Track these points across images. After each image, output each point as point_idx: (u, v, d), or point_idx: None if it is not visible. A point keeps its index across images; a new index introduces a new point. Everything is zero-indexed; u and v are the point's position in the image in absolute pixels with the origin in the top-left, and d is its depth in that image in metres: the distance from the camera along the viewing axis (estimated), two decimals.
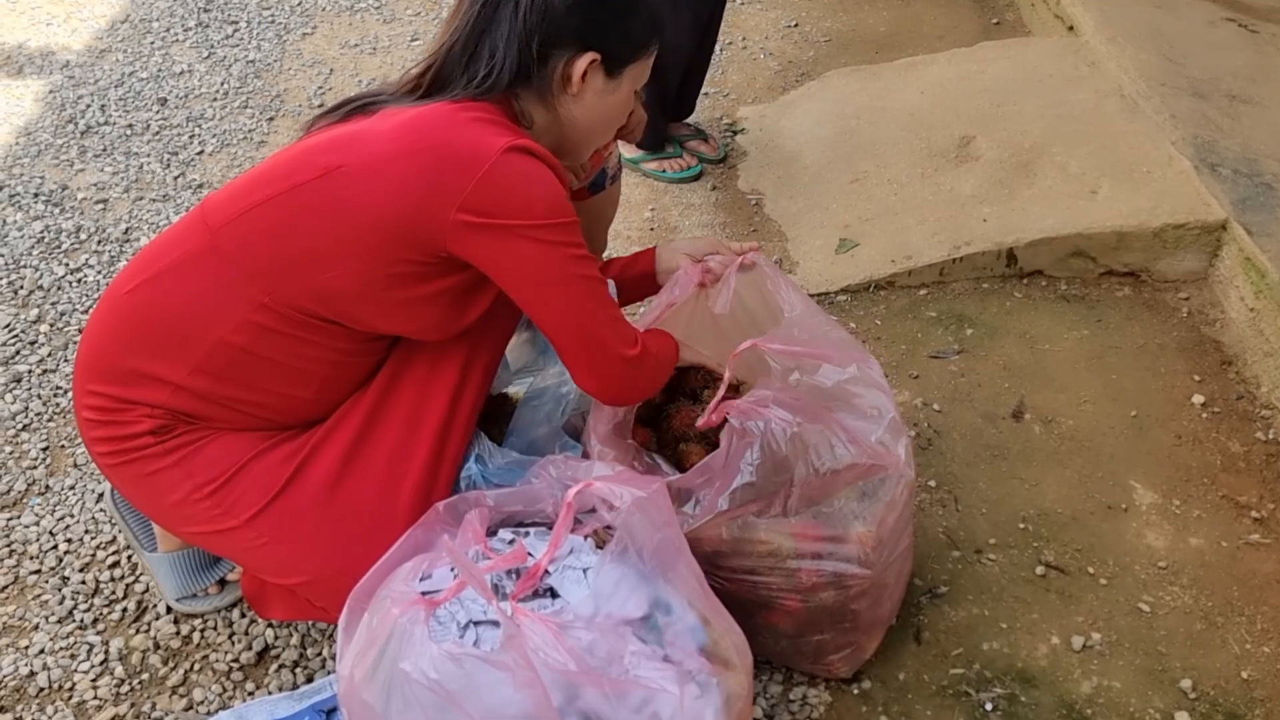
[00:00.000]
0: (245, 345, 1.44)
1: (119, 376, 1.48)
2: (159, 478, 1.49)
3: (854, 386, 1.61)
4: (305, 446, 1.52)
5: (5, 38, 3.38)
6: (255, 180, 1.45)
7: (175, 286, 1.45)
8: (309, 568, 1.50)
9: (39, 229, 2.63)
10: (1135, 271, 2.54)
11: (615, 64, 1.46)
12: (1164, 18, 3.16)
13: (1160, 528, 1.97)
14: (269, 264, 1.41)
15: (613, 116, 1.54)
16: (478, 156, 1.34)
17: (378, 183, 1.36)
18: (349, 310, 1.44)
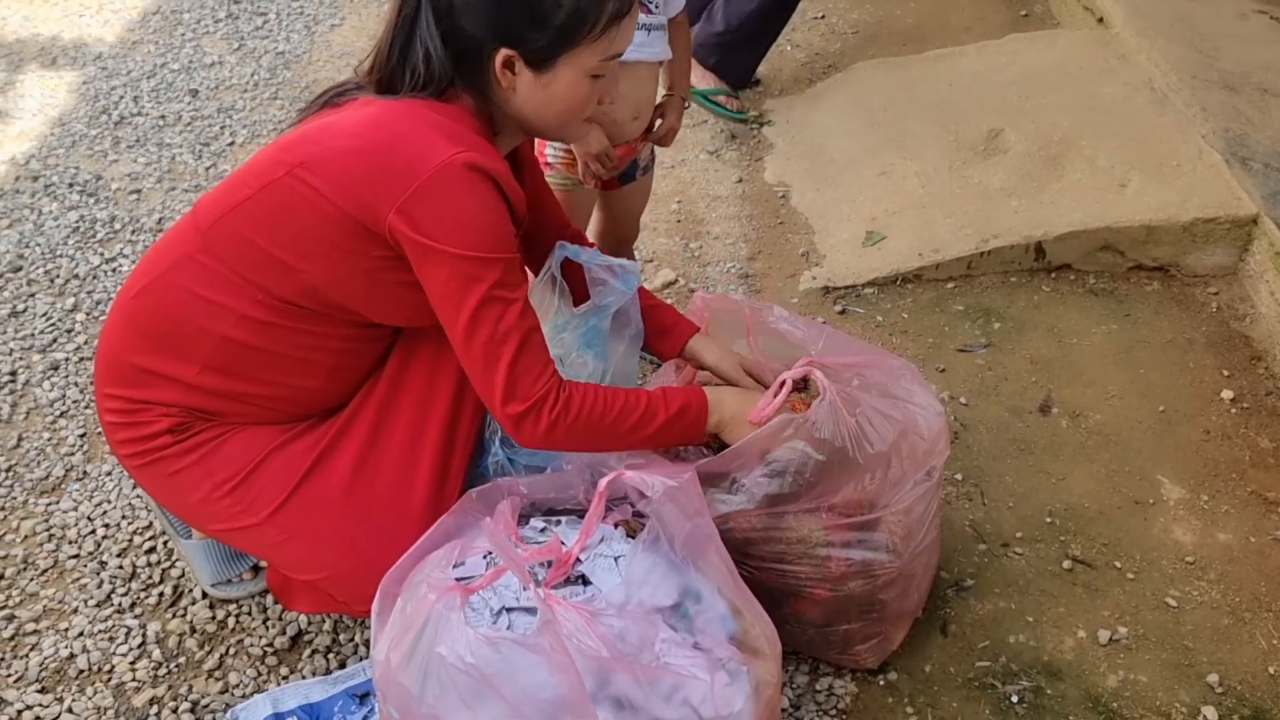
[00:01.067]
0: (247, 340, 1.47)
1: (133, 378, 1.51)
2: (181, 477, 1.52)
3: (907, 384, 1.64)
4: (321, 441, 1.54)
5: (39, 29, 3.43)
6: (237, 180, 1.47)
7: (175, 288, 1.48)
8: (328, 563, 1.53)
9: (74, 219, 2.67)
10: (1164, 266, 2.54)
11: (539, 57, 1.39)
12: (1195, 10, 3.14)
13: (1188, 523, 1.97)
14: (254, 263, 1.44)
15: (570, 104, 1.44)
16: (418, 166, 1.34)
17: (332, 179, 1.37)
18: (336, 302, 1.46)
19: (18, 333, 2.34)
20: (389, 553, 1.42)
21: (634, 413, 1.47)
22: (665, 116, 2.06)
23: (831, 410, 1.52)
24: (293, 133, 1.46)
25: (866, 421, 1.55)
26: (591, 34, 1.38)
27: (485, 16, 1.37)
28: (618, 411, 1.45)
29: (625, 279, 1.68)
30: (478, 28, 1.38)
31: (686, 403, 1.51)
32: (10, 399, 2.18)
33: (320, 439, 1.54)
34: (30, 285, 2.47)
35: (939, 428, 1.62)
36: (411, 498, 1.53)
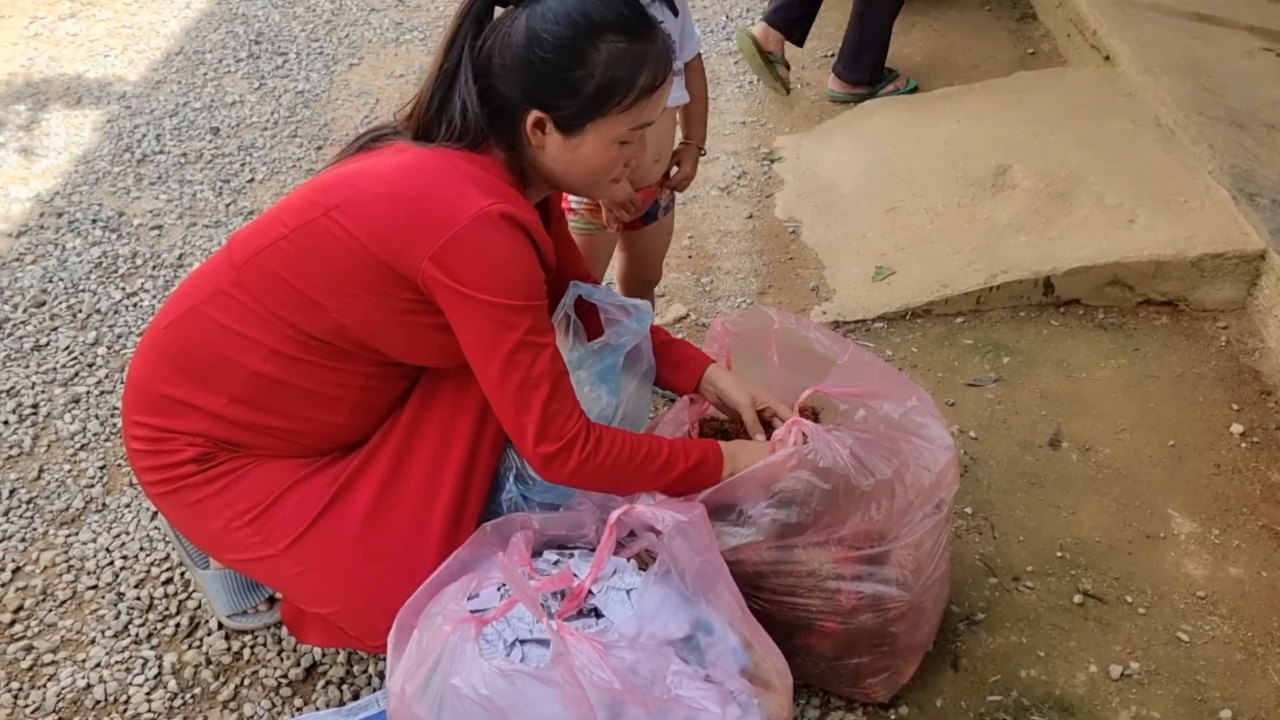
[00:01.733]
0: (275, 375, 1.50)
1: (161, 407, 1.54)
2: (202, 506, 1.55)
3: (917, 416, 1.65)
4: (341, 476, 1.57)
5: (65, 69, 3.50)
6: (273, 218, 1.51)
7: (207, 320, 1.51)
8: (342, 597, 1.55)
9: (97, 254, 2.72)
10: (1173, 300, 2.55)
11: (568, 121, 1.43)
12: (1201, 48, 3.18)
13: (1199, 557, 1.97)
14: (285, 301, 1.48)
15: (596, 167, 1.49)
16: (452, 215, 1.38)
17: (366, 222, 1.41)
18: (364, 342, 1.49)
19: (40, 366, 2.38)
20: (402, 590, 1.44)
21: (656, 460, 1.51)
22: (681, 164, 2.08)
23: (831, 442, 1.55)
24: (329, 174, 1.50)
25: (867, 450, 1.57)
26: (621, 105, 1.43)
27: (519, 81, 1.42)
28: (642, 457, 1.50)
29: (639, 318, 1.71)
30: (512, 90, 1.43)
31: (704, 456, 1.56)
32: (32, 431, 2.22)
33: (340, 474, 1.57)
34: (53, 319, 2.51)
35: (947, 460, 1.64)
36: (427, 536, 1.55)
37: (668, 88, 1.49)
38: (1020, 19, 3.94)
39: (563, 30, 1.39)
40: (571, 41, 1.39)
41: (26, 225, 2.82)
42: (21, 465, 2.15)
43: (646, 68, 1.43)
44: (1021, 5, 4.01)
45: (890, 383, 1.70)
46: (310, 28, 3.83)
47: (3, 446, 2.18)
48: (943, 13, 3.99)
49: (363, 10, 3.96)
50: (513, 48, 1.41)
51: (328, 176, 1.50)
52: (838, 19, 3.94)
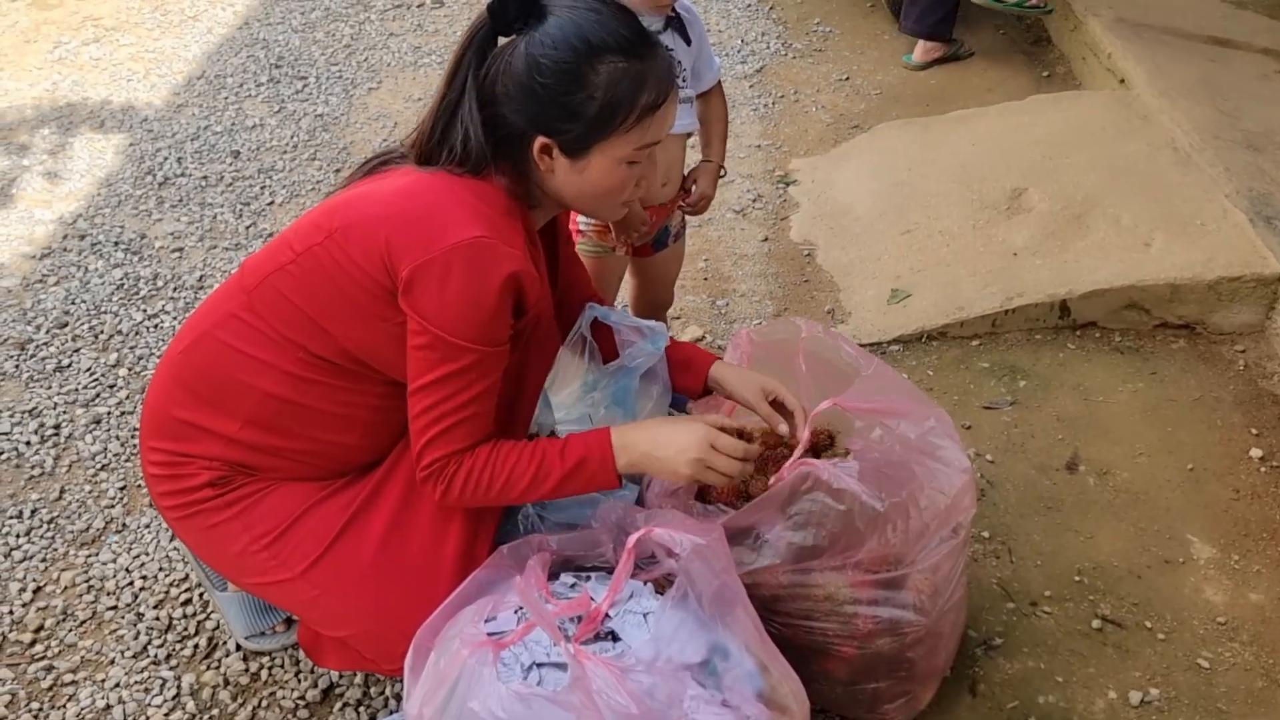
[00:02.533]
0: (288, 396, 1.52)
1: (177, 432, 1.56)
2: (220, 530, 1.56)
3: (935, 438, 1.65)
4: (357, 499, 1.57)
5: (89, 93, 3.55)
6: (281, 243, 1.52)
7: (219, 344, 1.53)
8: (358, 621, 1.56)
9: (119, 276, 2.75)
10: (1190, 324, 2.54)
11: (573, 145, 1.43)
12: (1216, 71, 3.18)
13: (1219, 583, 1.96)
14: (293, 323, 1.49)
15: (606, 189, 1.48)
16: (436, 239, 1.38)
17: (363, 245, 1.43)
18: (373, 361, 1.51)
19: (62, 387, 2.40)
20: (417, 613, 1.44)
21: (523, 478, 1.47)
22: (699, 182, 2.09)
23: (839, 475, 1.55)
24: (336, 197, 1.52)
25: (877, 476, 1.57)
26: (624, 125, 1.42)
27: (522, 108, 1.42)
28: (504, 481, 1.47)
29: (654, 340, 1.71)
30: (516, 117, 1.43)
31: (585, 455, 1.49)
32: (54, 452, 2.24)
33: (355, 498, 1.57)
34: (75, 341, 2.54)
35: (963, 483, 1.63)
36: (442, 559, 1.55)
37: (673, 105, 1.48)
38: (1035, 42, 3.95)
39: (561, 55, 1.40)
40: (571, 65, 1.40)
41: (50, 247, 2.85)
42: (43, 485, 2.17)
43: (648, 86, 1.42)
44: (1036, 29, 4.02)
45: (910, 401, 1.69)
46: (330, 52, 3.87)
47: (25, 467, 2.21)
48: (958, 35, 4.00)
49: (381, 35, 4.00)
50: (514, 75, 1.42)
51: (335, 200, 1.51)
52: (851, 43, 3.96)
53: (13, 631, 1.88)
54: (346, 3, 4.21)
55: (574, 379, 1.82)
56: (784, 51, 3.93)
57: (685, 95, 1.96)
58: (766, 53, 3.92)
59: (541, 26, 1.41)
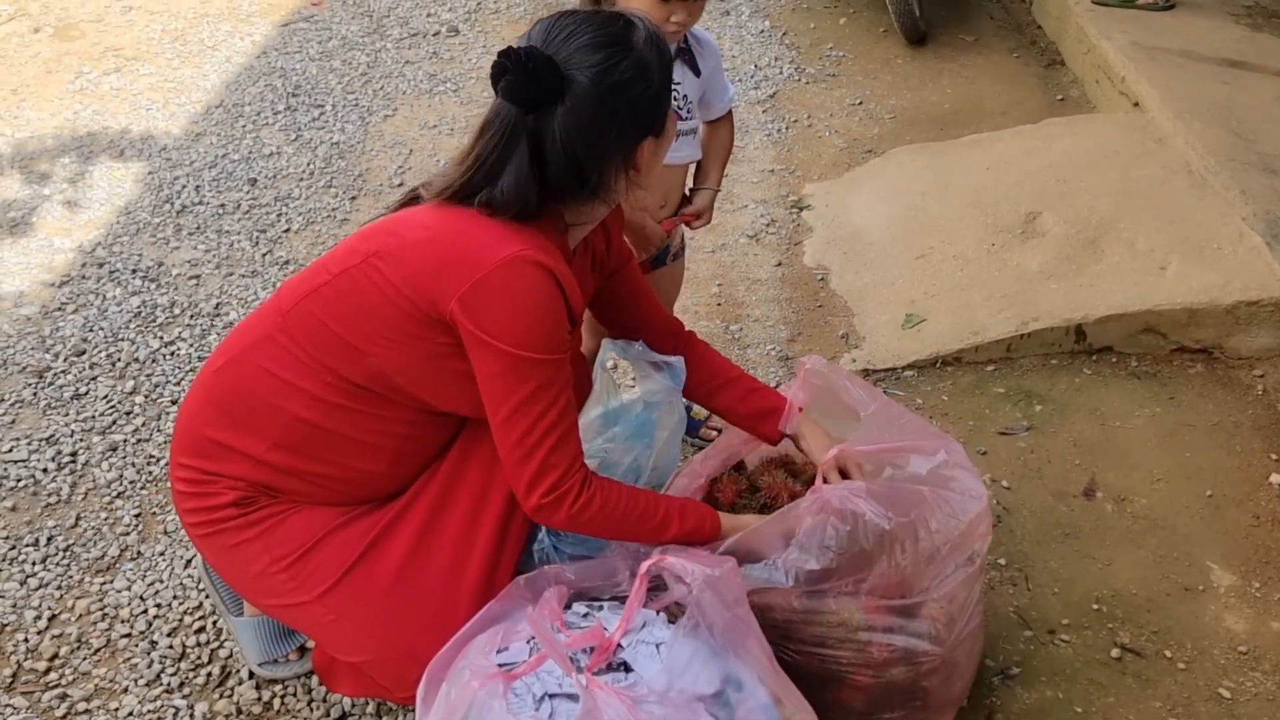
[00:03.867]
0: (316, 421, 1.53)
1: (205, 450, 1.57)
2: (242, 549, 1.57)
3: (946, 470, 1.65)
4: (378, 525, 1.58)
5: (109, 123, 3.60)
6: (319, 266, 1.55)
7: (252, 366, 1.54)
8: (373, 646, 1.56)
9: (136, 304, 2.77)
10: (1208, 348, 2.53)
11: (659, 126, 1.52)
12: (1231, 93, 3.17)
13: (1240, 611, 1.93)
14: (326, 346, 1.50)
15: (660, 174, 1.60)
16: (482, 259, 1.40)
17: (401, 267, 1.45)
18: (402, 387, 1.51)
19: (79, 414, 2.42)
20: (433, 641, 1.44)
21: (650, 521, 1.54)
22: (695, 203, 2.08)
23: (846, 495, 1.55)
24: (374, 224, 1.54)
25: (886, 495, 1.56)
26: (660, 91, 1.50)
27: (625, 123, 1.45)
28: (636, 517, 1.53)
29: (673, 375, 1.72)
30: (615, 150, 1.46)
31: (700, 526, 1.57)
32: (70, 479, 2.25)
33: (377, 523, 1.58)
34: (92, 368, 2.56)
35: (978, 511, 1.62)
36: (460, 590, 1.55)
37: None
38: (1048, 65, 3.95)
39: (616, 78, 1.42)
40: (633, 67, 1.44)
41: (69, 275, 2.88)
42: (59, 513, 2.18)
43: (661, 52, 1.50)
44: (1050, 52, 4.02)
45: (919, 437, 1.69)
46: (346, 80, 3.91)
47: (42, 494, 2.22)
48: (971, 59, 4.01)
49: (397, 63, 4.04)
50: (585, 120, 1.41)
51: (372, 226, 1.54)
52: (864, 67, 3.98)
53: (28, 659, 1.89)
54: (363, 31, 4.25)
55: (594, 409, 1.82)
56: (797, 76, 3.95)
57: (690, 126, 1.96)
58: (780, 78, 3.94)
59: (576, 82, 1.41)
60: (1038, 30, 4.17)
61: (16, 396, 2.47)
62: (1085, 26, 3.70)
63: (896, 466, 1.66)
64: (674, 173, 2.00)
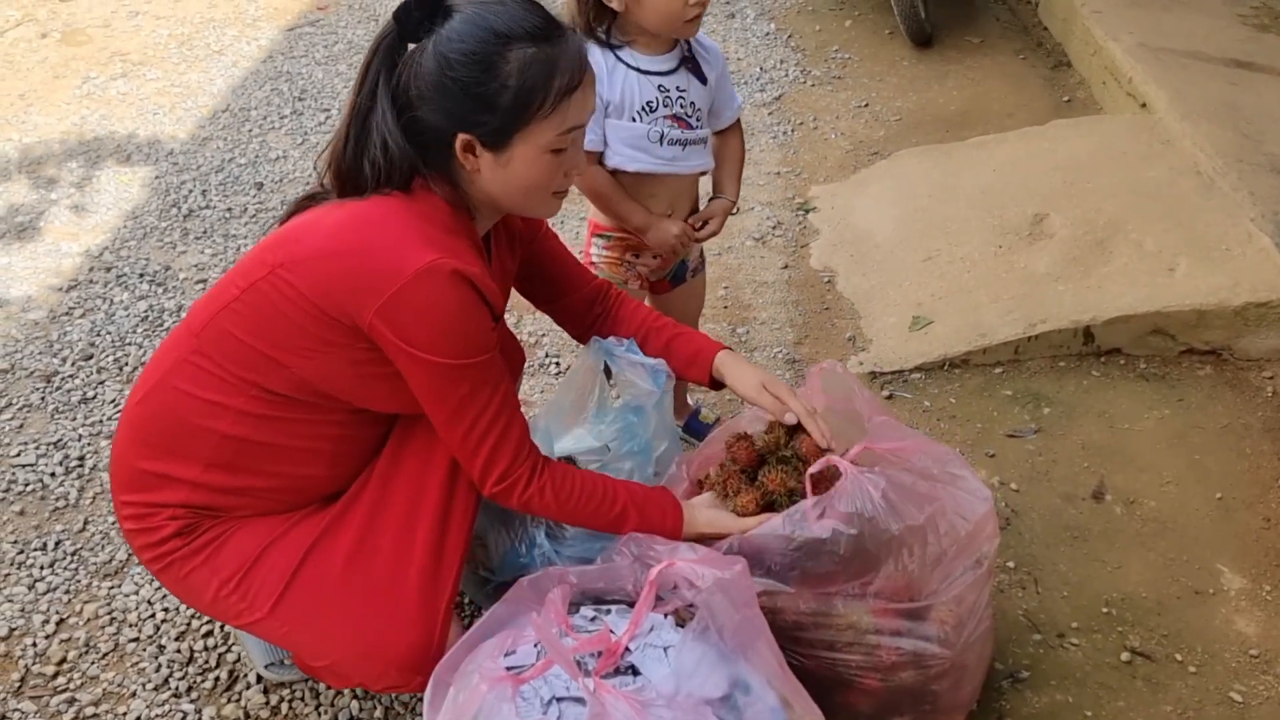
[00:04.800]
0: (246, 435, 1.51)
1: (141, 483, 1.56)
2: (193, 578, 1.56)
3: (955, 469, 1.64)
4: (316, 529, 1.57)
5: (117, 127, 3.61)
6: (225, 283, 1.52)
7: (172, 391, 1.52)
8: (334, 651, 1.55)
9: (144, 308, 2.78)
10: (1217, 350, 2.52)
11: (494, 138, 1.43)
12: (1239, 94, 3.16)
13: (1251, 614, 1.92)
14: (244, 361, 1.48)
15: (532, 182, 1.48)
16: (395, 271, 1.38)
17: (311, 279, 1.42)
18: (327, 393, 1.51)
19: (87, 419, 2.42)
20: (390, 634, 1.45)
21: (608, 513, 1.57)
22: (710, 222, 2.04)
23: (856, 485, 1.53)
24: (275, 234, 1.51)
25: (899, 495, 1.55)
26: (542, 111, 1.42)
27: (439, 107, 1.42)
28: (593, 508, 1.56)
29: (655, 378, 1.71)
30: (435, 117, 1.43)
31: (661, 522, 1.58)
32: (78, 484, 2.26)
33: (314, 529, 1.57)
34: (100, 373, 2.56)
35: (984, 512, 1.61)
36: (407, 580, 1.55)
37: (590, 90, 1.47)
38: (1055, 67, 3.94)
39: (469, 46, 1.40)
40: (480, 55, 1.40)
41: (76, 280, 2.88)
42: (67, 517, 2.18)
43: (560, 70, 1.42)
44: (1056, 53, 4.02)
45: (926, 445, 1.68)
46: (352, 84, 3.92)
47: (50, 499, 2.22)
48: (977, 61, 4.01)
49: None
50: (426, 76, 1.42)
51: (273, 236, 1.51)
52: (869, 69, 3.97)
53: (36, 664, 1.89)
54: (368, 35, 4.25)
55: (586, 409, 1.82)
56: (803, 79, 3.94)
57: (699, 135, 1.94)
58: (785, 80, 3.93)
59: (448, 23, 1.42)
60: (1044, 32, 4.16)
61: (25, 401, 2.47)
62: (1092, 28, 3.69)
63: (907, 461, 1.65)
64: (682, 182, 1.99)
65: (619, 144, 1.86)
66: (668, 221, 1.96)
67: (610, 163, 1.88)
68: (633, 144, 1.86)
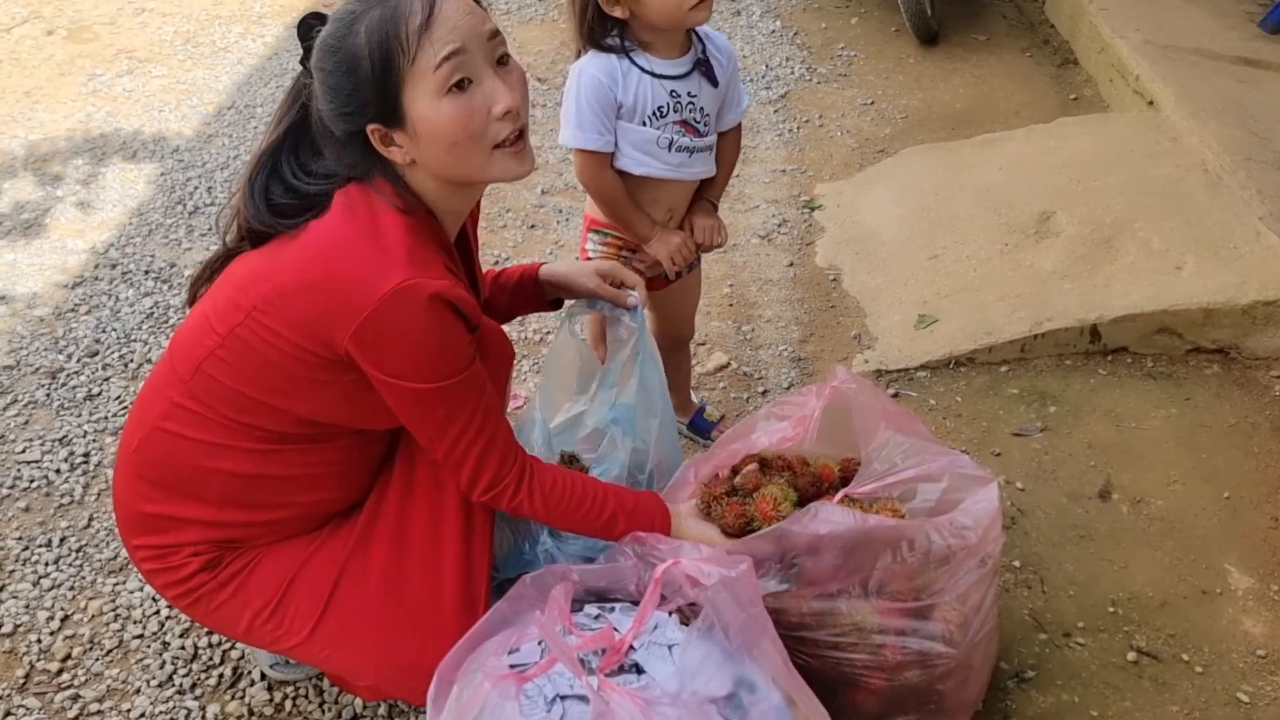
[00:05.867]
0: (255, 471, 1.51)
1: (155, 526, 1.55)
2: (224, 610, 1.56)
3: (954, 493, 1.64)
4: (343, 550, 1.56)
5: (122, 124, 3.61)
6: (202, 323, 1.48)
7: (171, 436, 1.51)
8: (374, 669, 1.56)
9: (149, 305, 2.78)
10: (1224, 348, 2.51)
11: (389, 114, 1.36)
12: (1247, 93, 3.15)
13: (1258, 614, 1.91)
14: (239, 407, 1.48)
15: (453, 137, 1.36)
16: (364, 296, 1.34)
17: (287, 318, 1.40)
18: (328, 421, 1.50)
19: (92, 415, 2.43)
20: (431, 649, 1.44)
21: (597, 518, 1.57)
22: (693, 221, 2.00)
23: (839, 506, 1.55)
24: (239, 273, 1.47)
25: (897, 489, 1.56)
26: (406, 60, 1.33)
27: (337, 113, 1.38)
28: (583, 513, 1.56)
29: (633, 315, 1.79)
30: (341, 124, 1.39)
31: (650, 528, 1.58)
32: (83, 480, 2.26)
33: (342, 547, 1.57)
34: (105, 369, 2.56)
35: (991, 513, 1.60)
36: (443, 591, 1.55)
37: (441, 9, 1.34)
38: (1061, 65, 3.93)
39: (330, 43, 1.37)
40: (337, 44, 1.36)
41: (82, 276, 2.89)
42: (72, 514, 2.18)
43: (403, 12, 1.33)
44: (1063, 51, 4.00)
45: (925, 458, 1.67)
46: None
47: (55, 495, 2.22)
48: (983, 59, 3.99)
49: None
50: (316, 90, 1.40)
51: (239, 275, 1.46)
52: (875, 67, 3.96)
53: (40, 660, 1.89)
54: None
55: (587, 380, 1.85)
56: (808, 76, 3.93)
57: (707, 143, 1.92)
58: (791, 78, 3.92)
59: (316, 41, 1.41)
60: (1050, 29, 4.15)
61: (30, 397, 2.47)
62: (1099, 25, 3.67)
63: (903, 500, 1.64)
64: (685, 187, 1.97)
65: (627, 146, 1.85)
66: (671, 232, 1.96)
67: (617, 164, 1.87)
68: (641, 148, 1.85)
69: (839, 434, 1.76)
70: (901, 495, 1.65)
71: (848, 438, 1.73)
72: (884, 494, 1.64)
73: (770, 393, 2.50)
